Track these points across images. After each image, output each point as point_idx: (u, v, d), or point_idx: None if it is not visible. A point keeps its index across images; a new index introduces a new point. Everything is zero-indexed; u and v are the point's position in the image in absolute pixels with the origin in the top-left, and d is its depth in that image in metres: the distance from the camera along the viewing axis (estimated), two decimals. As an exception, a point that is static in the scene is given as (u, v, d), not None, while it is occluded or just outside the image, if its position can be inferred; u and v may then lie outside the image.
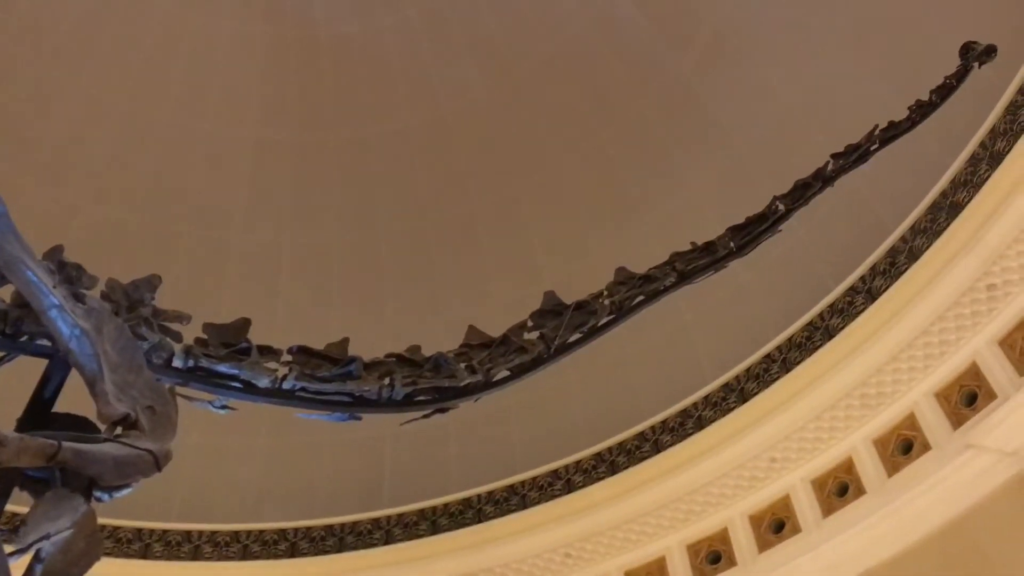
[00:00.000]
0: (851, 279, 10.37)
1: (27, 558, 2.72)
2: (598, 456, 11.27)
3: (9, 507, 2.91)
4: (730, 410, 10.56)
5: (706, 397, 10.92)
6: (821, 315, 10.44)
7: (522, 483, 11.50)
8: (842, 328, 10.07)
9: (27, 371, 3.45)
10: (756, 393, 10.43)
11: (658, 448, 10.86)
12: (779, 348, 10.63)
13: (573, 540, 10.81)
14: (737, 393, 10.65)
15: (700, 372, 11.22)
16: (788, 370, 10.32)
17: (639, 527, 10.61)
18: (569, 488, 11.14)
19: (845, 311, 10.17)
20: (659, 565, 10.40)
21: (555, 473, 11.39)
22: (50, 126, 12.81)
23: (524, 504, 11.26)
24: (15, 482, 2.94)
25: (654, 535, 10.54)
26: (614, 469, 11.01)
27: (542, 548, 10.89)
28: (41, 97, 12.76)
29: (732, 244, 5.37)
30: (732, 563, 9.91)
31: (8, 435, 2.57)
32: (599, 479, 11.02)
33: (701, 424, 10.71)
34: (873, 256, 10.29)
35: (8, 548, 2.48)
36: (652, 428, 11.11)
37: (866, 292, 10.10)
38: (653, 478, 10.66)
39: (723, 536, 10.19)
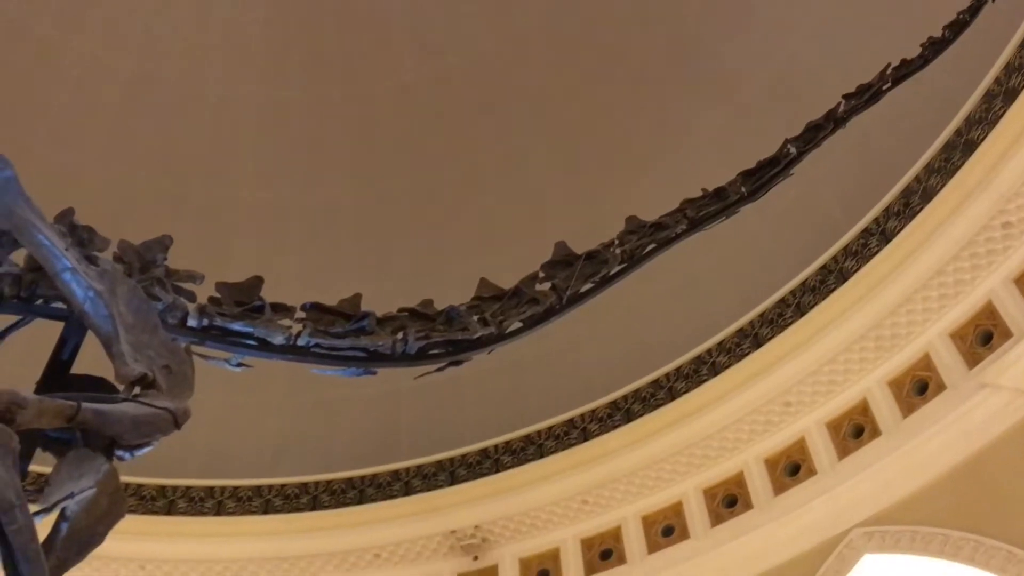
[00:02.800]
0: (865, 221, 10.30)
1: (52, 517, 2.78)
2: (613, 405, 11.35)
3: (33, 468, 2.96)
4: (744, 355, 10.57)
5: (720, 343, 10.94)
6: (835, 258, 10.39)
7: (538, 433, 11.60)
8: (856, 270, 10.02)
9: (44, 334, 3.49)
10: (770, 338, 10.44)
11: (673, 395, 10.91)
12: (793, 292, 10.61)
13: (590, 487, 10.93)
14: (751, 338, 10.66)
15: (714, 319, 11.22)
16: (802, 314, 10.31)
17: (655, 473, 10.71)
18: (585, 436, 11.24)
19: (859, 253, 10.12)
20: (676, 510, 10.51)
21: (571, 422, 11.49)
22: (56, 88, 12.77)
23: (541, 453, 11.37)
24: (37, 443, 2.99)
25: (670, 480, 10.64)
26: (629, 417, 11.09)
27: (559, 496, 11.02)
28: (46, 58, 12.70)
29: (743, 189, 5.34)
30: (748, 506, 10.01)
31: (28, 397, 2.60)
32: (614, 427, 11.11)
33: (715, 370, 10.74)
34: (887, 197, 10.20)
35: (33, 508, 2.52)
36: (666, 376, 11.16)
37: (880, 234, 10.04)
38: (668, 425, 10.73)
39: (739, 480, 10.28)
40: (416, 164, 13.61)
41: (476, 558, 11.04)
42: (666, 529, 10.43)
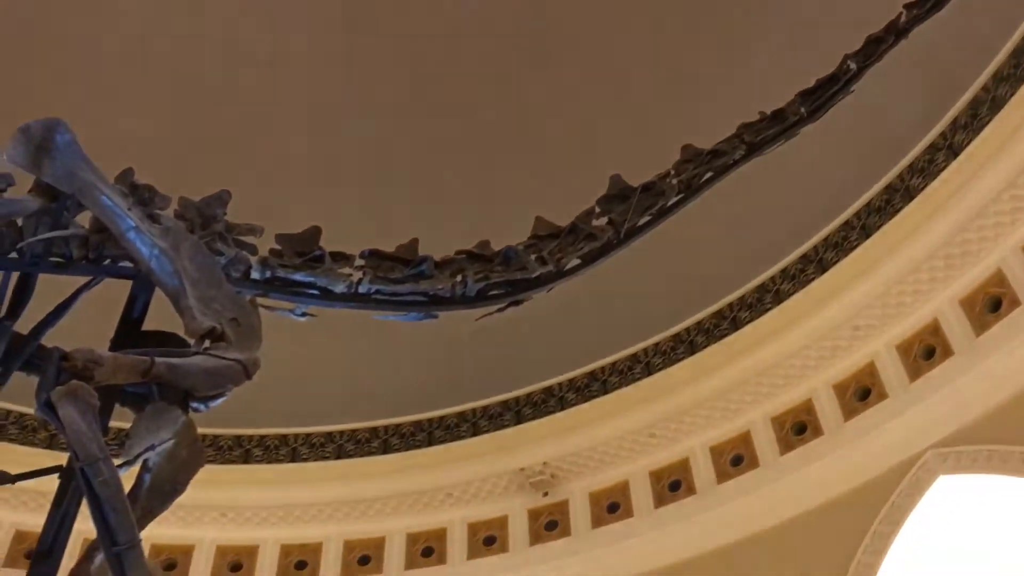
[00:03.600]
0: (931, 136, 9.93)
1: (135, 469, 2.88)
2: (676, 338, 11.29)
3: (114, 423, 3.07)
4: (809, 281, 10.39)
5: (783, 270, 10.76)
6: (900, 176, 10.08)
7: (601, 369, 11.63)
8: (923, 188, 9.72)
9: (113, 293, 3.58)
10: (835, 262, 10.23)
11: (737, 325, 10.81)
12: (857, 214, 10.35)
13: (656, 421, 10.95)
14: (816, 264, 10.46)
15: (776, 245, 11.02)
16: (868, 235, 10.06)
17: (722, 404, 10.68)
18: (649, 371, 11.23)
19: (925, 170, 9.79)
20: (744, 439, 10.49)
21: (634, 357, 11.48)
22: (107, 48, 12.90)
23: (605, 389, 11.41)
24: (116, 399, 3.09)
25: (737, 411, 10.60)
26: (693, 349, 11.03)
27: (626, 430, 11.07)
28: (96, 19, 12.82)
29: (803, 110, 5.19)
30: (818, 432, 9.93)
31: (103, 354, 2.68)
32: (678, 360, 11.07)
33: (780, 298, 10.59)
34: (953, 110, 9.82)
35: (116, 461, 2.62)
36: (729, 306, 11.04)
37: (947, 148, 9.69)
38: (733, 355, 10.65)
39: (808, 407, 10.19)
40: (465, 105, 13.50)
41: (546, 494, 11.20)
42: (735, 459, 10.42)
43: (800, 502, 9.63)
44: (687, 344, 11.14)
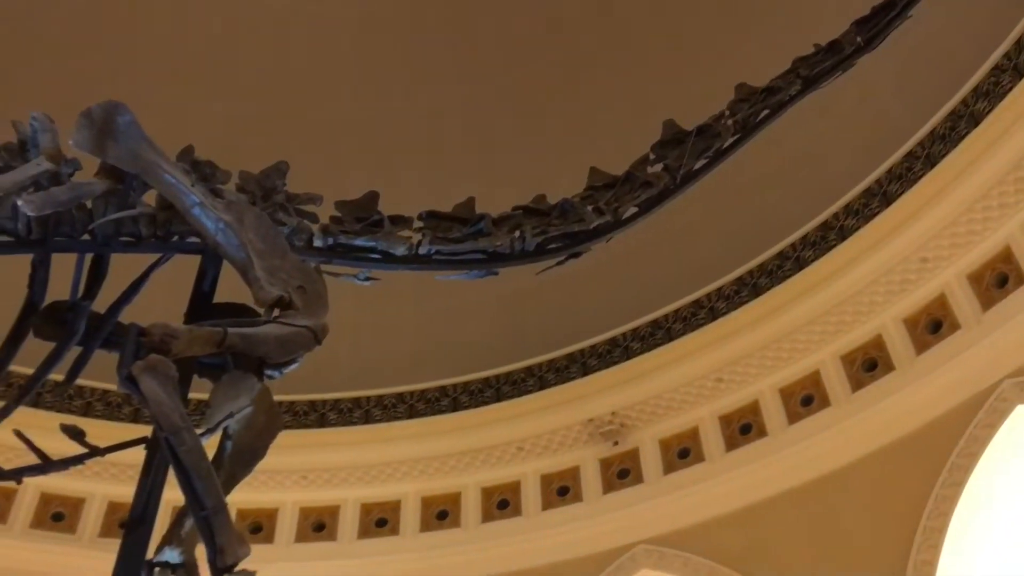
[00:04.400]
0: (995, 57, 9.53)
1: (217, 437, 2.99)
2: (739, 281, 11.16)
3: (192, 395, 3.18)
4: (873, 215, 10.14)
5: (846, 206, 10.52)
6: (964, 101, 9.72)
7: (665, 316, 11.57)
8: (989, 111, 9.36)
9: (183, 269, 3.68)
10: (900, 194, 9.96)
11: (800, 265, 10.63)
12: (921, 144, 10.03)
13: (723, 365, 10.89)
14: (880, 197, 10.20)
15: (836, 181, 10.76)
16: (933, 165, 9.75)
17: (789, 345, 10.56)
18: (713, 316, 11.14)
19: (991, 92, 9.43)
20: (813, 379, 10.37)
21: (697, 303, 11.39)
22: (159, 23, 13.07)
23: (670, 336, 11.37)
24: (193, 370, 3.20)
25: (805, 351, 10.47)
26: (757, 291, 10.89)
27: (692, 376, 11.04)
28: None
29: (859, 39, 5.04)
30: (889, 368, 9.77)
31: (179, 328, 2.78)
32: (742, 303, 10.95)
33: (844, 234, 10.37)
34: (1018, 28, 9.40)
35: (198, 430, 2.72)
36: (792, 246, 10.85)
37: (1013, 69, 9.30)
38: (798, 295, 10.50)
39: (878, 343, 10.01)
40: (514, 60, 13.40)
41: (616, 443, 11.27)
42: (805, 399, 10.33)
43: (874, 439, 9.53)
44: (751, 287, 11.01)
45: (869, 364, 10.00)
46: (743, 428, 10.64)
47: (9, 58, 12.27)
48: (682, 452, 10.94)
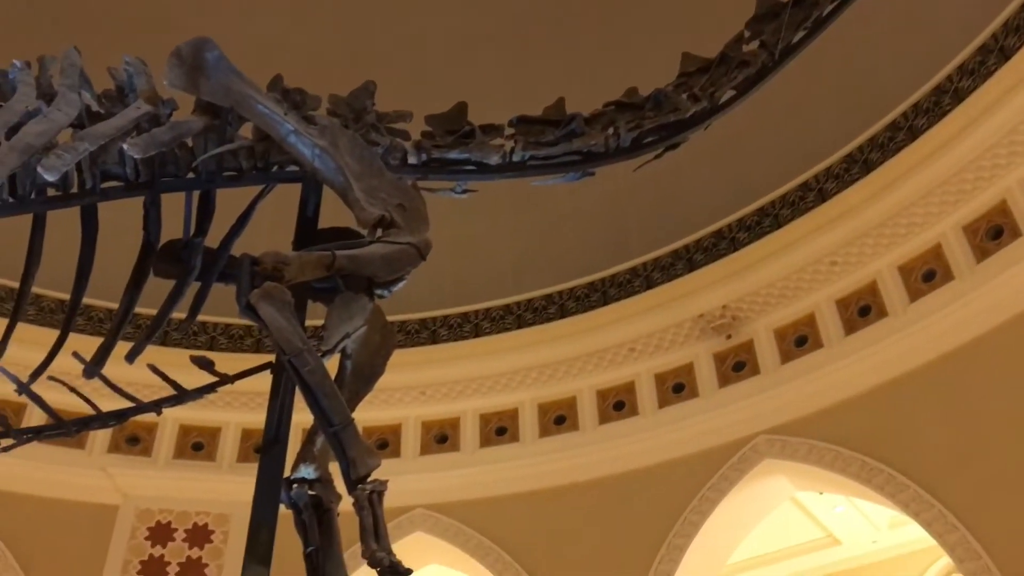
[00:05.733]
0: None
1: (336, 358, 3.09)
2: (849, 158, 10.67)
3: (308, 323, 3.27)
4: (991, 74, 9.46)
5: (961, 66, 9.82)
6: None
7: (772, 203, 11.21)
8: None
9: (286, 197, 3.75)
10: (1019, 48, 9.24)
11: (914, 134, 10.05)
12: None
13: (837, 248, 10.52)
14: (996, 53, 9.50)
15: (947, 41, 10.06)
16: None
17: (906, 220, 10.08)
18: (823, 197, 10.72)
19: None
20: (935, 253, 9.91)
21: (804, 186, 10.98)
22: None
23: (778, 223, 11.03)
24: (307, 295, 3.29)
25: (923, 224, 9.98)
26: (868, 167, 10.39)
27: (805, 262, 10.73)
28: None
29: None
30: (1016, 233, 9.23)
31: (289, 255, 2.84)
32: (853, 181, 10.48)
33: (959, 96, 9.71)
34: None
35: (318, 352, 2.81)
36: (903, 115, 10.26)
37: None
38: (914, 167, 9.96)
39: (1002, 209, 9.41)
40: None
41: (729, 336, 11.14)
42: (927, 274, 9.90)
43: (1003, 310, 9.09)
44: (861, 163, 10.52)
45: (994, 231, 9.46)
46: (862, 310, 10.32)
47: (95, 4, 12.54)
48: (799, 340, 10.72)
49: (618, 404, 11.69)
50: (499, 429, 12.08)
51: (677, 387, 11.41)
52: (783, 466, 10.48)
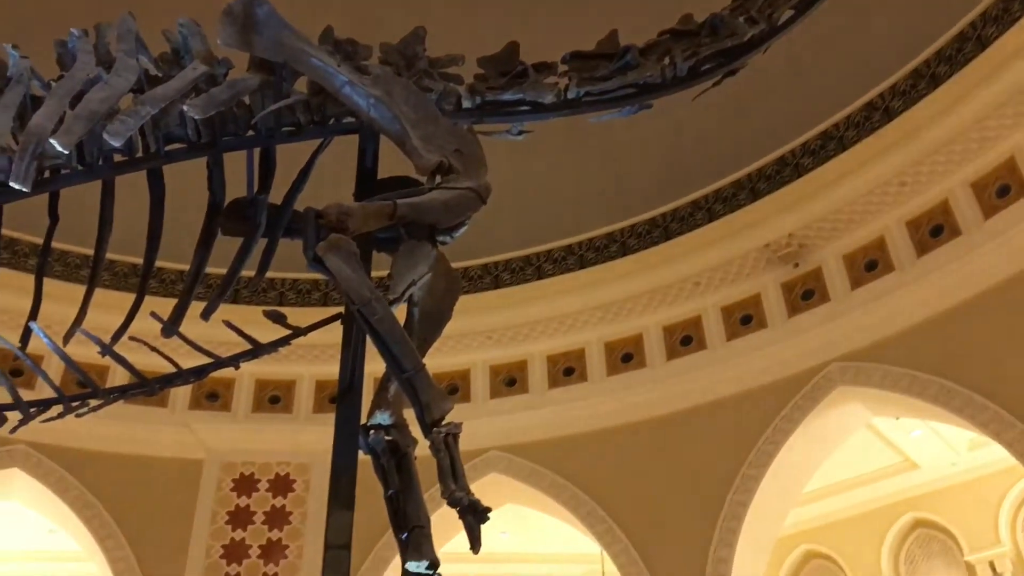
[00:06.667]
0: None
1: (403, 307, 3.12)
2: (915, 73, 10.23)
3: (373, 275, 3.31)
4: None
5: (1033, -33, 9.34)
6: None
7: (835, 125, 10.87)
8: None
9: (344, 150, 3.77)
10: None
11: (983, 44, 9.59)
12: None
13: (905, 167, 10.18)
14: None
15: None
16: None
17: (978, 134, 9.69)
18: (889, 116, 10.35)
19: None
20: (1008, 167, 9.50)
21: (869, 105, 10.61)
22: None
23: (843, 146, 10.71)
24: (371, 246, 3.32)
25: (997, 138, 9.58)
26: (936, 82, 9.96)
27: (872, 184, 10.43)
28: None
29: None
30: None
31: (352, 206, 2.86)
32: (921, 97, 10.07)
33: (1030, 0, 9.25)
34: None
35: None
36: (972, 24, 9.79)
37: None
38: (984, 79, 9.49)
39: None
40: None
41: (796, 265, 10.95)
42: (1001, 189, 9.52)
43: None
44: (928, 78, 10.10)
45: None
46: (934, 230, 10.03)
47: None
48: (869, 264, 10.49)
49: (685, 339, 11.64)
50: (567, 370, 12.15)
51: (745, 319, 11.30)
52: (857, 393, 10.36)
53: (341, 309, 3.38)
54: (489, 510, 2.55)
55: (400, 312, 2.97)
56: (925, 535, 13.98)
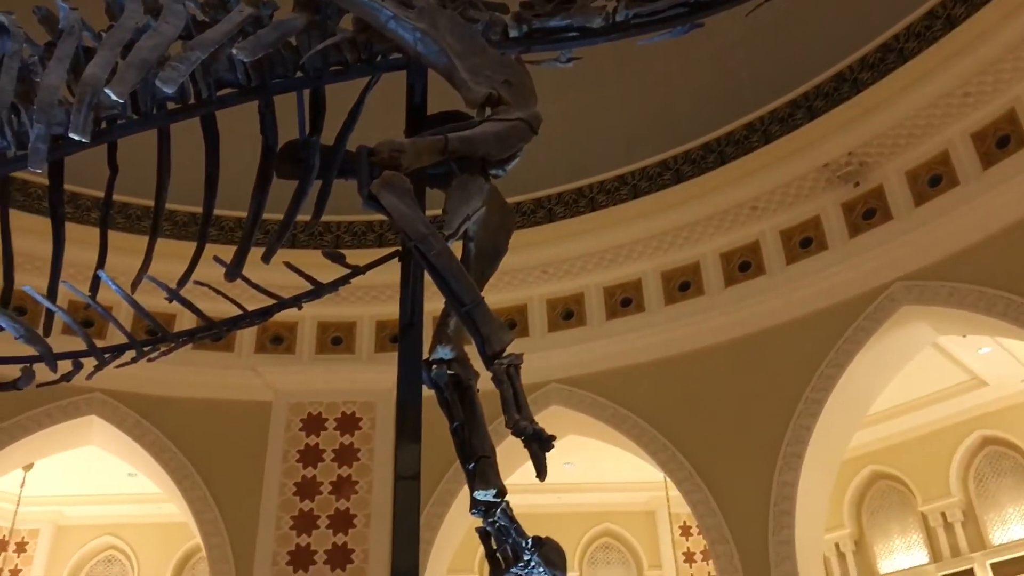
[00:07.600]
0: None
1: (459, 243, 3.12)
2: (977, -22, 9.78)
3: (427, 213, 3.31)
4: None
5: None
6: None
7: (895, 37, 10.44)
8: None
9: (392, 87, 3.74)
10: None
11: (1051, -58, 9.12)
12: None
13: (969, 77, 9.78)
14: None
15: None
16: None
17: (1047, 38, 9.27)
18: (951, 24, 9.90)
19: None
20: (1081, 72, 9.14)
21: (931, 14, 10.12)
22: None
23: (903, 58, 10.31)
24: (424, 183, 3.32)
25: (1067, 42, 9.17)
26: (1000, -14, 9.51)
27: (934, 96, 10.06)
28: None
29: None
30: None
31: (403, 142, 2.85)
32: (983, 3, 9.58)
33: None
34: None
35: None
36: (1039, -79, 9.30)
37: None
38: (1053, -22, 9.09)
39: None
40: None
41: (857, 184, 10.68)
42: (1072, 96, 9.16)
43: None
44: (991, -18, 9.64)
45: None
46: (1000, 141, 9.66)
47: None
48: (932, 180, 10.18)
49: (743, 265, 11.50)
50: (624, 300, 12.12)
51: (804, 242, 11.10)
52: (922, 311, 10.15)
53: (398, 248, 3.40)
54: (554, 438, 2.57)
55: (456, 247, 2.97)
56: (995, 452, 13.78)
